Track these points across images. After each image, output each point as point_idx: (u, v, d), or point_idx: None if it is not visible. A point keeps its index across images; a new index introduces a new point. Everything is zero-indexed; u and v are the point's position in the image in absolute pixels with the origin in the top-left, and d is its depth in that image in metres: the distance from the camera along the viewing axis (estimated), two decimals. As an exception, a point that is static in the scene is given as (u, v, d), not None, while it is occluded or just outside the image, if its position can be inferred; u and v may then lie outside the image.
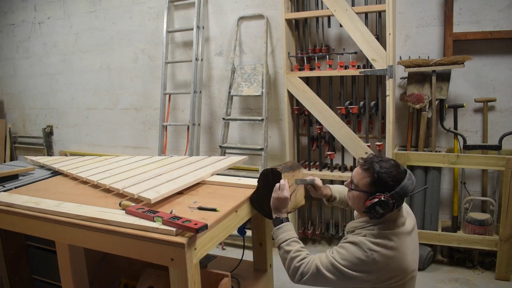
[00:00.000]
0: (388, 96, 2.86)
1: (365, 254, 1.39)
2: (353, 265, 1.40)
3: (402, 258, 1.41)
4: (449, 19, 2.96)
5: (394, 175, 1.41)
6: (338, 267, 1.41)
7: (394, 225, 1.45)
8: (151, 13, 4.15)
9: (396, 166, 1.44)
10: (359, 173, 1.48)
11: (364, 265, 1.39)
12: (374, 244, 1.40)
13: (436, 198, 2.96)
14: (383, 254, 1.39)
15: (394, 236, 1.42)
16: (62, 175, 2.27)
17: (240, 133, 3.91)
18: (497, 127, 3.02)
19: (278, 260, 2.69)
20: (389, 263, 1.40)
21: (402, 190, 1.39)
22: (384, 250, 1.39)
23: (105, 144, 4.77)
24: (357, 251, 1.41)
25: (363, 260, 1.39)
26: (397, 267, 1.41)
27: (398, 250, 1.40)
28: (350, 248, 1.43)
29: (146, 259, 1.42)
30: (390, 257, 1.39)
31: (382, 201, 1.38)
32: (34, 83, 5.16)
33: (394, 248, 1.40)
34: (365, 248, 1.40)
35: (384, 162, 1.44)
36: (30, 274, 2.20)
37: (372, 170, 1.43)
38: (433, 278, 2.85)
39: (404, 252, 1.42)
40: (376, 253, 1.39)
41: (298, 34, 3.37)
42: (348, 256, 1.41)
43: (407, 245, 1.44)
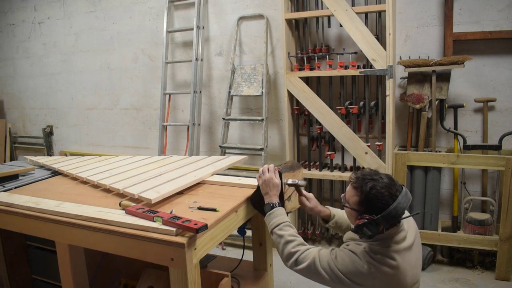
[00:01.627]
0: (388, 96, 2.86)
1: (363, 266, 1.36)
2: (350, 273, 1.38)
3: (402, 276, 1.37)
4: (449, 19, 2.96)
5: (383, 197, 1.33)
6: (335, 271, 1.40)
7: (393, 242, 1.39)
8: (151, 13, 4.15)
9: (389, 187, 1.35)
10: (350, 190, 1.44)
11: (361, 276, 1.36)
12: (374, 259, 1.36)
13: (436, 198, 2.96)
14: (383, 271, 1.35)
15: (395, 254, 1.37)
16: (62, 175, 2.27)
17: (240, 133, 3.91)
18: (497, 127, 3.02)
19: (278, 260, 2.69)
20: (388, 280, 1.37)
21: (390, 214, 1.31)
22: (384, 268, 1.35)
23: (105, 144, 4.77)
24: (357, 261, 1.38)
25: (361, 272, 1.36)
26: (396, 284, 1.38)
27: (398, 269, 1.36)
28: (351, 256, 1.40)
29: (146, 259, 1.42)
30: (390, 275, 1.36)
31: (369, 223, 1.33)
32: (34, 83, 5.16)
33: (394, 267, 1.36)
34: (365, 261, 1.36)
35: (376, 181, 1.36)
36: (30, 274, 2.20)
37: (361, 190, 1.37)
38: (433, 278, 2.85)
39: (405, 269, 1.37)
40: (375, 268, 1.35)
41: (298, 34, 3.37)
42: (348, 263, 1.39)
43: (408, 261, 1.40)
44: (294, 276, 2.99)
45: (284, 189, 1.72)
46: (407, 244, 1.42)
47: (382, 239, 1.39)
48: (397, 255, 1.37)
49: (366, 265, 1.36)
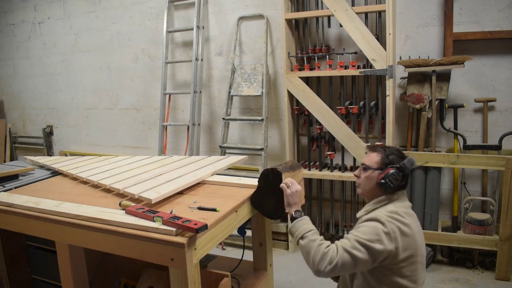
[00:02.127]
0: (388, 96, 2.86)
1: (383, 225, 1.47)
2: (376, 237, 1.45)
3: (413, 235, 1.50)
4: (449, 19, 2.96)
5: (397, 152, 1.64)
6: (364, 243, 1.44)
7: (402, 206, 1.58)
8: (151, 13, 4.15)
9: (399, 150, 1.67)
10: (370, 154, 1.66)
11: (386, 236, 1.45)
12: (389, 217, 1.49)
13: (436, 198, 2.96)
14: (398, 227, 1.48)
15: (405, 214, 1.53)
16: (62, 175, 2.27)
17: (240, 133, 3.91)
18: (497, 127, 3.02)
19: (278, 260, 2.68)
20: (403, 236, 1.47)
21: (408, 162, 1.59)
22: (399, 224, 1.48)
23: (105, 144, 4.77)
24: (376, 224, 1.48)
25: (385, 231, 1.46)
26: (410, 243, 1.49)
27: (410, 227, 1.50)
28: (369, 224, 1.50)
29: (146, 259, 1.42)
30: (404, 232, 1.48)
31: (394, 172, 1.56)
32: (34, 83, 5.16)
33: (406, 224, 1.50)
34: (383, 220, 1.48)
35: (389, 146, 1.70)
36: (30, 274, 2.20)
37: (381, 150, 1.64)
38: (433, 278, 2.85)
39: (415, 231, 1.52)
40: (393, 224, 1.47)
41: (298, 34, 3.37)
42: (369, 231, 1.47)
43: (416, 227, 1.56)
44: (294, 276, 3.00)
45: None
46: (413, 213, 1.61)
47: (393, 202, 1.58)
48: (407, 215, 1.54)
49: (386, 223, 1.47)
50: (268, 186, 1.73)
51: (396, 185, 1.57)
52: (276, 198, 1.72)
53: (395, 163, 1.59)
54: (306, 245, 1.52)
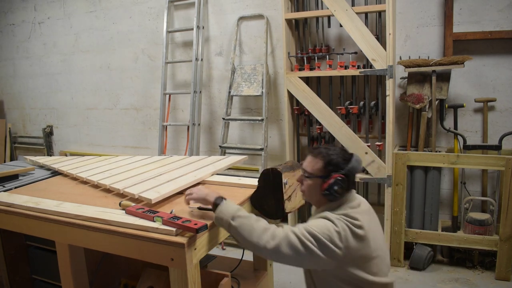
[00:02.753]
0: (388, 96, 2.86)
1: (334, 226, 1.39)
2: (327, 235, 1.37)
3: (366, 235, 1.43)
4: (449, 19, 2.96)
5: (343, 154, 1.52)
6: (314, 233, 1.36)
7: (350, 207, 1.49)
8: (151, 13, 4.15)
9: (343, 149, 1.55)
10: (311, 160, 1.53)
11: (336, 234, 1.38)
12: (339, 220, 1.42)
13: (436, 198, 2.96)
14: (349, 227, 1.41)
15: (357, 214, 1.45)
16: (62, 175, 2.27)
17: (240, 133, 3.91)
18: (497, 127, 3.02)
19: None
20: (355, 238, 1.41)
21: (353, 166, 1.49)
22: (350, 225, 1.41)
23: (105, 144, 4.77)
24: (328, 223, 1.41)
25: (335, 229, 1.38)
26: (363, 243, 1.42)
27: (363, 228, 1.42)
28: (321, 221, 1.43)
29: (146, 259, 1.42)
30: (356, 234, 1.41)
31: (339, 180, 1.45)
32: (34, 83, 5.16)
33: (358, 226, 1.42)
34: (333, 219, 1.41)
35: (331, 147, 1.55)
36: (30, 274, 2.20)
37: (323, 155, 1.51)
38: (433, 278, 2.85)
39: (368, 229, 1.44)
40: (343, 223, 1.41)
41: (298, 34, 3.38)
42: (321, 224, 1.41)
43: (368, 222, 1.47)
44: (294, 276, 2.99)
45: (284, 189, 1.72)
46: (363, 209, 1.52)
47: (342, 206, 1.48)
48: (359, 215, 1.45)
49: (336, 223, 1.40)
50: (268, 186, 1.73)
51: (342, 194, 1.47)
52: (276, 198, 1.72)
53: (340, 167, 1.47)
54: (240, 225, 1.39)
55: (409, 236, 2.96)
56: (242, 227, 1.39)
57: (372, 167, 2.98)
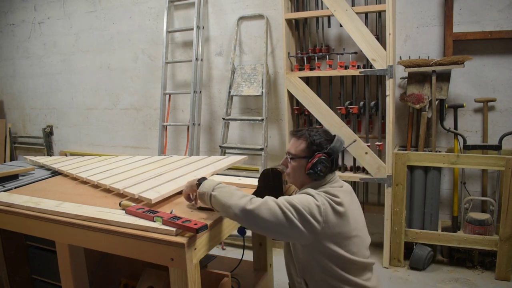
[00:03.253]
0: (388, 96, 2.86)
1: (314, 200, 1.44)
2: (307, 205, 1.41)
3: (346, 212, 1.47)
4: (449, 19, 2.96)
5: (326, 134, 1.57)
6: (294, 204, 1.40)
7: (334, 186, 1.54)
8: (151, 13, 4.15)
9: (325, 131, 1.60)
10: (294, 142, 1.58)
11: (316, 208, 1.42)
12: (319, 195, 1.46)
13: (436, 198, 2.96)
14: (329, 203, 1.45)
15: (337, 192, 1.50)
16: (62, 175, 2.27)
17: (240, 133, 3.91)
18: (497, 127, 3.02)
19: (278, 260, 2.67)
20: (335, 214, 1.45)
21: (335, 145, 1.53)
22: (330, 200, 1.45)
23: (105, 144, 4.77)
24: (308, 197, 1.45)
25: (316, 204, 1.42)
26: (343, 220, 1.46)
27: (342, 205, 1.47)
28: (302, 195, 1.47)
29: (146, 259, 1.42)
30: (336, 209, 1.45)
31: (323, 159, 1.50)
32: (34, 83, 5.16)
33: (338, 202, 1.46)
34: (313, 194, 1.46)
35: (313, 129, 1.60)
36: (30, 274, 2.20)
37: (306, 136, 1.56)
38: (433, 278, 2.85)
39: (348, 206, 1.49)
40: (324, 199, 1.45)
41: (298, 34, 3.37)
42: (302, 198, 1.44)
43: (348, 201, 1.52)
44: (294, 276, 2.99)
45: (284, 189, 1.72)
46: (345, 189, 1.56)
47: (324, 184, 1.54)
48: (339, 193, 1.50)
49: (316, 198, 1.44)
50: (268, 186, 1.73)
51: (326, 173, 1.52)
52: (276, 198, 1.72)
53: (323, 147, 1.52)
54: (219, 192, 1.44)
55: (409, 236, 2.96)
56: (221, 194, 1.44)
57: (372, 167, 2.98)
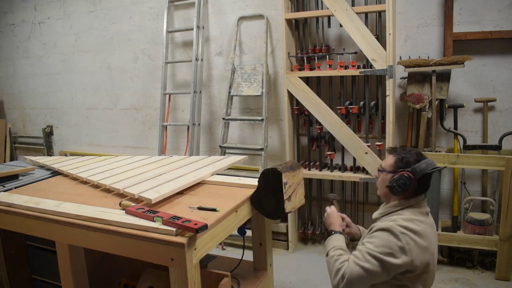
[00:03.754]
0: (388, 96, 2.86)
1: (397, 237, 1.43)
2: (388, 249, 1.43)
3: (429, 246, 1.47)
4: (449, 19, 2.96)
5: (415, 155, 1.58)
6: (376, 255, 1.44)
7: (419, 212, 1.54)
8: (151, 13, 4.15)
9: (418, 152, 1.62)
10: (387, 157, 1.65)
11: (399, 249, 1.43)
12: (403, 227, 1.45)
13: (436, 198, 2.96)
14: (412, 238, 1.44)
15: (420, 223, 1.49)
16: (62, 175, 2.27)
17: (240, 133, 3.91)
18: (497, 127, 3.02)
19: (278, 260, 2.68)
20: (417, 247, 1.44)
21: (421, 166, 1.53)
22: (412, 235, 1.44)
23: (105, 144, 4.77)
24: (389, 236, 1.45)
25: (396, 244, 1.43)
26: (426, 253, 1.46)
27: (425, 238, 1.47)
28: (382, 235, 1.47)
29: (146, 259, 1.42)
30: (418, 243, 1.44)
31: (403, 176, 1.53)
32: (34, 83, 5.16)
33: (421, 234, 1.46)
34: (397, 232, 1.44)
35: (409, 148, 1.65)
36: (30, 274, 2.20)
37: (397, 152, 1.62)
38: (433, 278, 2.85)
39: (430, 241, 1.49)
40: (407, 236, 1.44)
41: (298, 34, 3.37)
42: (382, 243, 1.45)
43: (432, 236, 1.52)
44: (294, 276, 3.00)
45: (284, 189, 1.72)
46: (430, 221, 1.57)
47: (410, 207, 1.55)
48: (422, 224, 1.49)
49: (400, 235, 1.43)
50: (268, 186, 1.73)
51: (404, 190, 1.53)
52: (276, 198, 1.72)
53: (409, 166, 1.55)
54: (328, 261, 1.59)
55: (409, 236, 2.96)
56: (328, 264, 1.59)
57: (372, 167, 2.98)
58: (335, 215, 1.78)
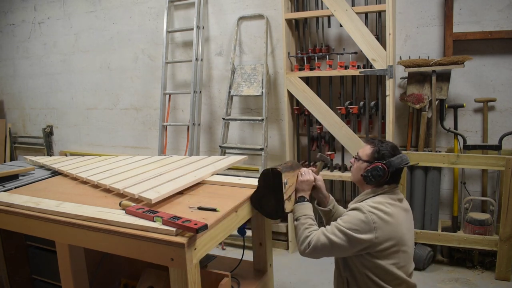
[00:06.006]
0: (388, 96, 2.86)
1: (364, 215, 1.55)
2: (355, 226, 1.54)
3: (396, 225, 1.57)
4: (449, 19, 2.96)
5: (392, 149, 1.69)
6: (342, 230, 1.55)
7: (390, 198, 1.64)
8: (151, 13, 4.15)
9: (394, 146, 1.71)
10: (365, 146, 1.74)
11: (365, 225, 1.54)
12: (372, 207, 1.57)
13: (436, 198, 2.96)
14: (380, 217, 1.55)
15: (390, 205, 1.60)
16: (62, 175, 2.27)
17: (240, 133, 3.91)
18: (497, 127, 3.02)
19: (278, 260, 2.67)
20: (385, 225, 1.55)
21: (395, 161, 1.64)
22: (381, 213, 1.55)
23: (105, 144, 4.77)
24: (357, 213, 1.57)
25: (363, 220, 1.54)
26: (392, 231, 1.56)
27: (393, 217, 1.57)
28: (352, 212, 1.60)
29: (146, 259, 1.42)
30: (386, 221, 1.55)
31: (378, 167, 1.64)
32: (34, 83, 5.16)
33: (389, 214, 1.57)
34: (364, 210, 1.56)
35: (386, 141, 1.75)
36: (30, 274, 2.20)
37: (375, 143, 1.72)
38: (433, 278, 2.85)
39: (399, 221, 1.59)
40: (374, 214, 1.55)
41: (298, 34, 3.38)
42: (350, 219, 1.57)
43: (402, 218, 1.62)
44: (294, 276, 3.00)
45: (284, 189, 1.72)
46: (403, 206, 1.67)
47: (382, 194, 1.65)
48: (392, 206, 1.60)
49: (367, 213, 1.55)
50: (268, 186, 1.73)
51: (377, 180, 1.64)
52: (276, 198, 1.72)
53: (384, 159, 1.65)
54: (296, 226, 1.71)
55: (409, 236, 2.96)
56: (296, 230, 1.72)
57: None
58: (310, 183, 1.84)
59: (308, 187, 1.84)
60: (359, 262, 1.60)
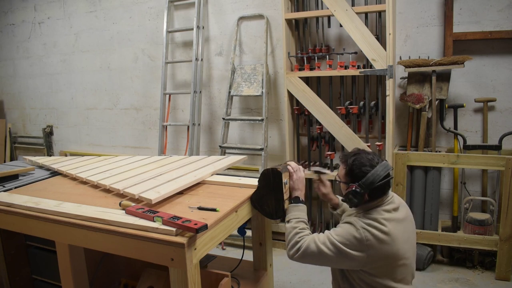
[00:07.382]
0: (388, 96, 2.86)
1: (358, 231, 1.49)
2: (347, 241, 1.50)
3: (392, 243, 1.50)
4: (449, 19, 2.96)
5: (364, 166, 1.54)
6: (333, 242, 1.51)
7: (384, 210, 1.55)
8: (151, 13, 4.15)
9: (370, 159, 1.56)
10: (340, 166, 1.67)
11: (357, 242, 1.48)
12: (366, 224, 1.51)
13: (436, 198, 2.96)
14: (374, 235, 1.48)
15: (386, 221, 1.51)
16: (62, 175, 2.27)
17: (240, 133, 3.91)
18: (497, 127, 3.02)
19: (278, 260, 2.67)
20: (379, 244, 1.48)
21: (368, 180, 1.52)
22: (375, 231, 1.48)
23: (105, 144, 4.77)
24: (351, 228, 1.52)
25: (356, 237, 1.49)
26: (387, 250, 1.49)
27: (389, 235, 1.49)
28: (345, 226, 1.55)
29: (146, 259, 1.42)
30: (381, 240, 1.48)
31: (353, 191, 1.54)
32: (34, 83, 5.17)
33: (384, 232, 1.49)
34: (358, 226, 1.50)
35: (358, 155, 1.59)
36: (30, 274, 2.20)
37: (346, 163, 1.61)
38: (433, 278, 2.85)
39: (395, 237, 1.51)
40: (367, 232, 1.49)
41: (298, 34, 3.38)
42: (343, 233, 1.52)
43: (399, 232, 1.53)
44: (294, 276, 3.00)
45: (284, 189, 1.72)
46: (398, 216, 1.56)
47: (373, 208, 1.56)
48: (387, 222, 1.51)
49: (360, 230, 1.49)
50: (268, 186, 1.73)
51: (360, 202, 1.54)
52: (276, 198, 1.73)
53: (355, 180, 1.54)
54: (287, 229, 1.65)
55: (409, 236, 2.96)
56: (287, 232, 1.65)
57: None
58: (303, 179, 1.79)
59: (303, 185, 1.78)
60: (357, 276, 1.57)
